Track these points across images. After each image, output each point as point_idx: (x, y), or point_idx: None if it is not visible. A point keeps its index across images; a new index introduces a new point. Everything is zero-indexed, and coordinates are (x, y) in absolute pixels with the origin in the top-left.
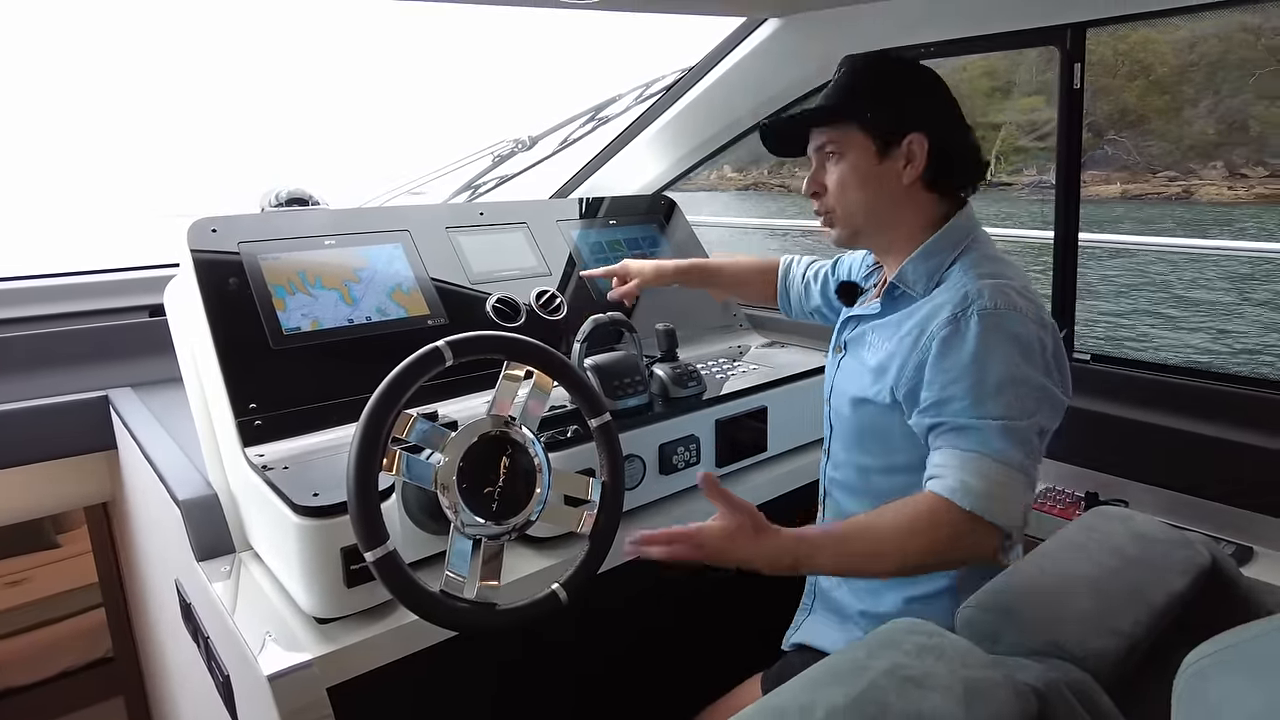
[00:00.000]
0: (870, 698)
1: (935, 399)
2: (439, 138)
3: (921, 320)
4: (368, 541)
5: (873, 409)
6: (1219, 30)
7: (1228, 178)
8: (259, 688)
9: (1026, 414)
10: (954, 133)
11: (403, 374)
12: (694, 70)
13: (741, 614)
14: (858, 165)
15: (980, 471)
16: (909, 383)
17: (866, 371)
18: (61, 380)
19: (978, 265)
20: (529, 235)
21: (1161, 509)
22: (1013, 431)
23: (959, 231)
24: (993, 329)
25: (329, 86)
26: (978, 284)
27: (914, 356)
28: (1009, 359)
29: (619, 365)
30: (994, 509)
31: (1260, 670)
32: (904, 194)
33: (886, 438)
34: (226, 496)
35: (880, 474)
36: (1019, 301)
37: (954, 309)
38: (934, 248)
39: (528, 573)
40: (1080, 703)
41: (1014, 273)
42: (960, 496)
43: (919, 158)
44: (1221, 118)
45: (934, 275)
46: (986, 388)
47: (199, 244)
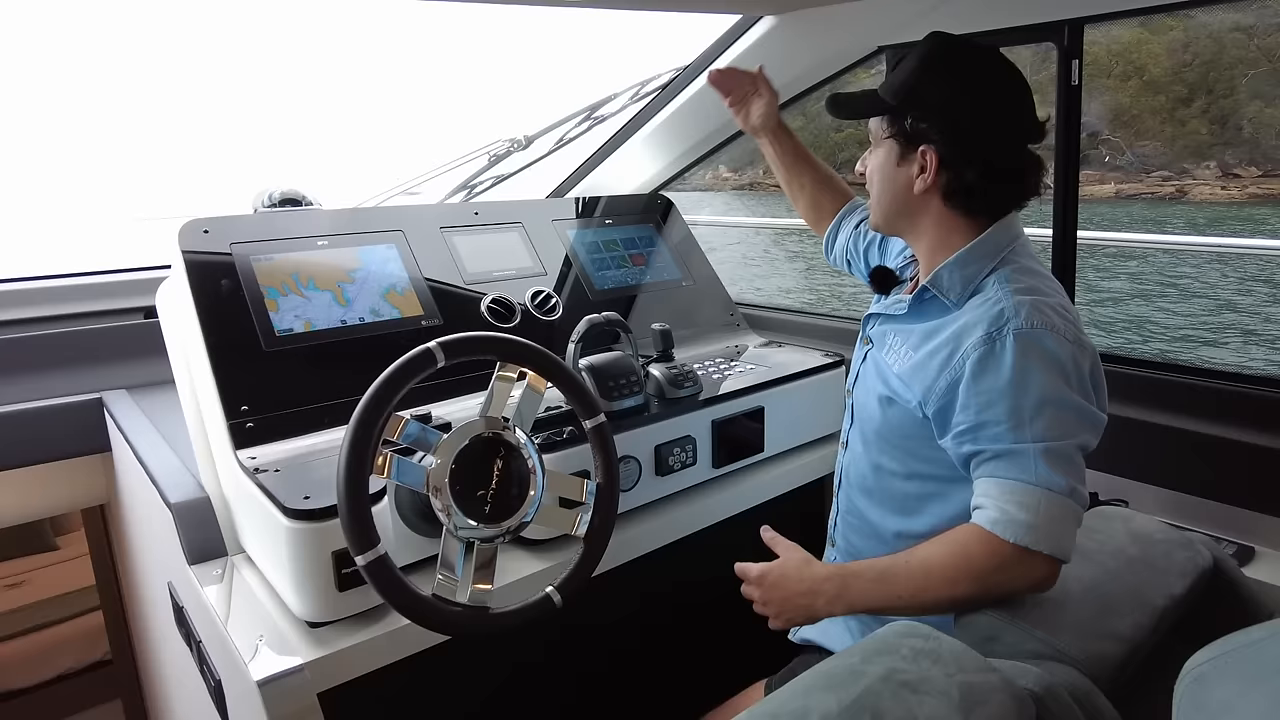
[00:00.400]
0: (865, 704)
1: (971, 423)
2: (434, 137)
3: (954, 336)
4: (358, 545)
5: (900, 412)
6: (1212, 31)
7: (1221, 177)
8: (249, 693)
9: (1068, 434)
10: (981, 154)
11: (393, 376)
12: (689, 69)
13: (740, 619)
14: (883, 162)
15: (1024, 502)
16: (939, 401)
17: (890, 375)
18: (56, 383)
19: (1014, 279)
20: (524, 235)
21: (1162, 508)
22: (1055, 454)
23: (998, 240)
24: (1029, 349)
25: (323, 86)
26: (1013, 300)
27: (946, 375)
28: (1047, 380)
29: (614, 366)
30: (1041, 540)
31: (1261, 676)
32: (919, 203)
33: (909, 444)
34: (218, 499)
35: (897, 478)
36: (1056, 321)
37: (989, 328)
38: (971, 255)
39: (522, 576)
40: (1080, 707)
41: (1052, 288)
42: (1004, 529)
43: (930, 171)
44: (1214, 118)
45: (970, 284)
46: (1025, 411)
47: (190, 245)
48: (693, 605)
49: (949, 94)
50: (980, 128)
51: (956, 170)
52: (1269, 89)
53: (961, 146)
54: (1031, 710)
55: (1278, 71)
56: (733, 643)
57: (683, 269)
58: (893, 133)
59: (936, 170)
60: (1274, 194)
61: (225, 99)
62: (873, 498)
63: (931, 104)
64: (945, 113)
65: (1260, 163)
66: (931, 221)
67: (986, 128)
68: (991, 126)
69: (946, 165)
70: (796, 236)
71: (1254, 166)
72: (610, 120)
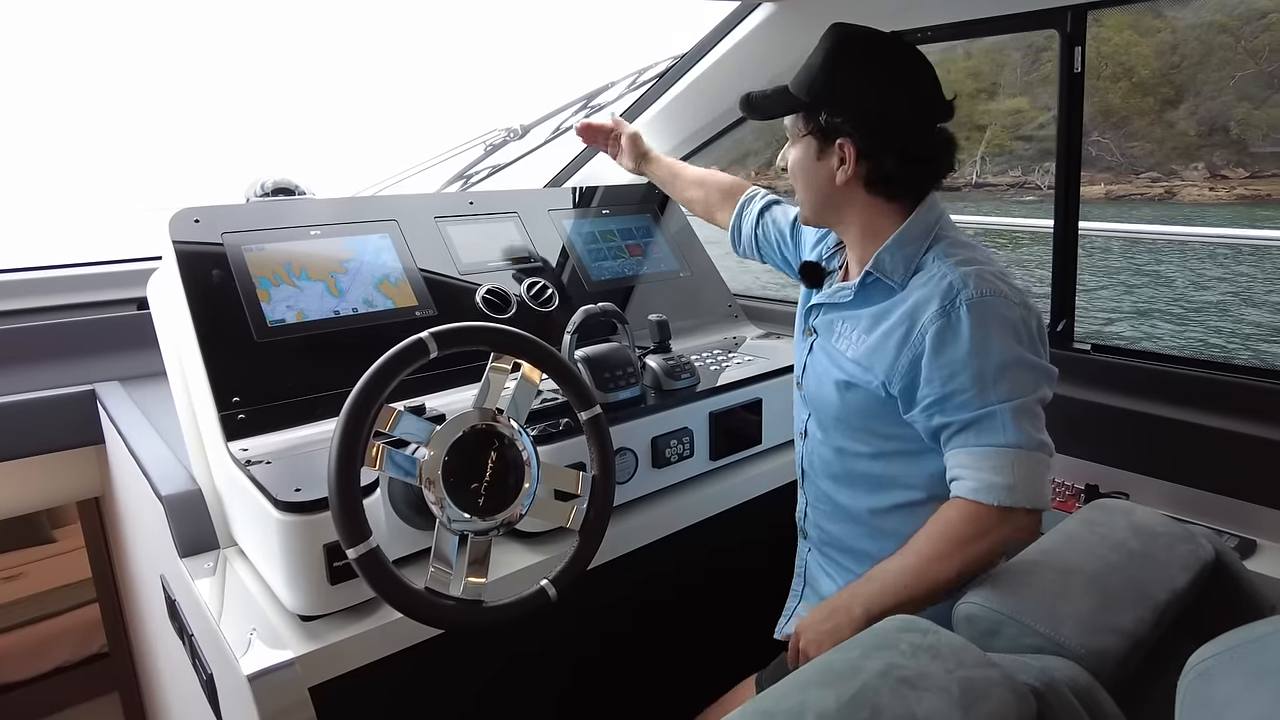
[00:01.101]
0: (863, 700)
1: (938, 395)
2: (429, 127)
3: (908, 314)
4: (349, 538)
5: (861, 394)
6: (1199, 33)
7: (1209, 179)
8: (240, 688)
9: (1028, 390)
10: (896, 141)
11: (385, 366)
12: (687, 57)
13: (737, 613)
14: (802, 158)
15: (998, 465)
16: (904, 378)
17: (845, 361)
18: (48, 374)
19: (952, 253)
20: (520, 225)
21: (1163, 501)
22: (1021, 411)
23: (927, 220)
24: (984, 317)
25: (316, 74)
26: (959, 273)
27: (907, 352)
28: (1004, 344)
29: (610, 357)
30: (1020, 497)
31: (1265, 672)
32: (843, 194)
33: (871, 424)
34: (210, 492)
35: (863, 459)
36: (1001, 286)
37: (942, 301)
38: (906, 237)
39: (516, 569)
40: (1081, 702)
41: (987, 257)
42: (984, 495)
43: (849, 163)
44: (1202, 119)
45: (910, 263)
46: (988, 375)
47: (181, 235)
48: (689, 598)
49: (859, 86)
50: (893, 116)
51: (875, 159)
52: (1256, 91)
53: (877, 136)
54: (1032, 706)
55: (1264, 74)
56: (727, 637)
57: (680, 260)
58: (809, 129)
59: (856, 161)
60: (1261, 195)
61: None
62: (841, 482)
63: (843, 98)
64: (858, 105)
65: (1248, 164)
66: (858, 210)
67: (898, 115)
68: (903, 113)
69: (864, 155)
70: None
71: (1241, 168)
72: (607, 109)
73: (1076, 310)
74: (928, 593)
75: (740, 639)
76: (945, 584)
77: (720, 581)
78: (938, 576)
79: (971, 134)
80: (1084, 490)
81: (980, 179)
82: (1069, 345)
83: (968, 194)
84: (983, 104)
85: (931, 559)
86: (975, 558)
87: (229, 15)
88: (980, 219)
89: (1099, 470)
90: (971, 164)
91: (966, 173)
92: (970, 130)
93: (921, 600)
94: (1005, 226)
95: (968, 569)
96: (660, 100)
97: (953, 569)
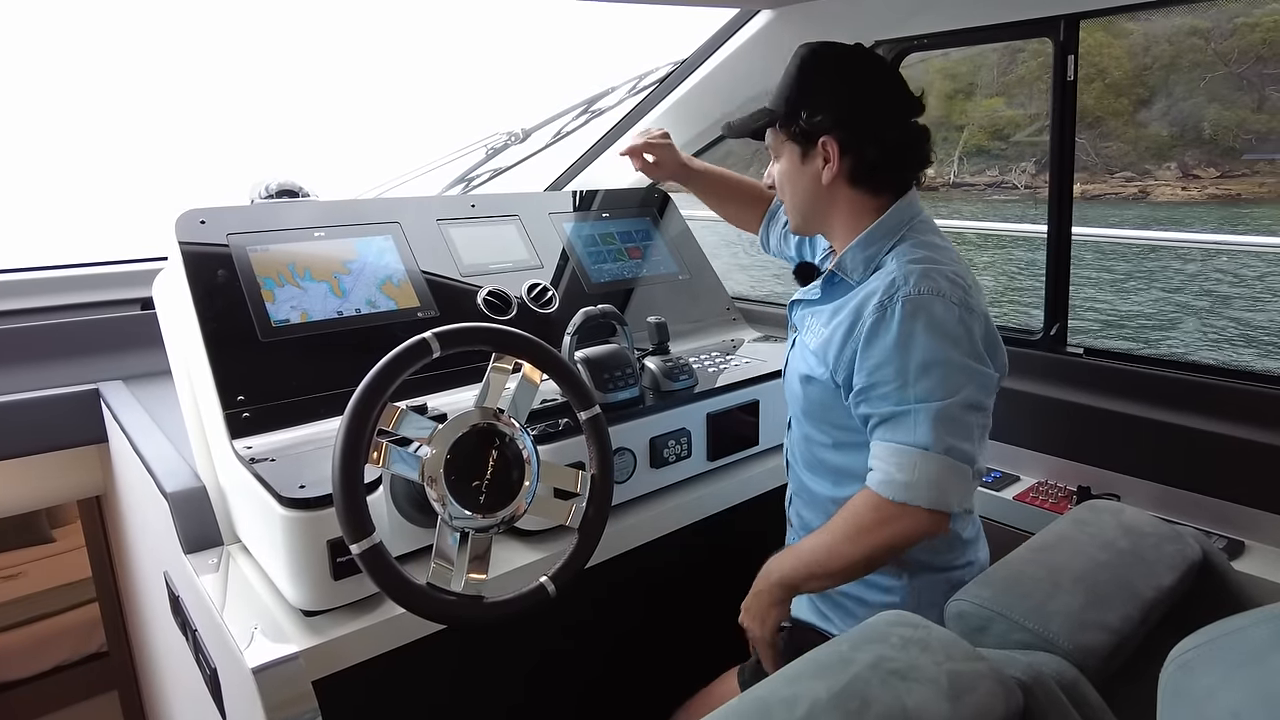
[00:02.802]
0: (854, 691)
1: (863, 384)
2: (432, 131)
3: (855, 308)
4: (353, 534)
5: (818, 387)
6: (1170, 35)
7: (1181, 178)
8: (245, 681)
9: (951, 392)
10: (874, 132)
11: (389, 366)
12: (686, 63)
13: (733, 611)
14: (786, 167)
15: (903, 464)
16: (846, 369)
17: (809, 353)
18: (52, 373)
19: (911, 252)
20: (521, 228)
21: (1154, 503)
22: (939, 414)
23: (896, 219)
24: (915, 313)
25: (320, 78)
26: (905, 269)
27: (850, 345)
28: (931, 342)
29: (610, 358)
30: (919, 495)
31: (1244, 662)
32: (827, 192)
33: (831, 416)
34: (214, 489)
35: (827, 449)
36: (943, 286)
37: (881, 295)
38: (871, 237)
39: (516, 566)
40: (1067, 696)
41: (948, 258)
42: (884, 488)
43: (834, 159)
44: (1174, 120)
45: (871, 263)
46: (910, 372)
47: (187, 236)
48: (687, 597)
49: (831, 85)
50: (867, 107)
51: (857, 151)
52: (1226, 92)
53: (856, 127)
54: (1019, 699)
55: (1234, 75)
56: (723, 634)
57: (679, 263)
58: (789, 135)
59: (839, 156)
60: (1232, 194)
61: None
62: (813, 470)
63: (818, 98)
64: (833, 101)
65: (1218, 164)
66: (843, 209)
67: (873, 106)
68: (877, 104)
69: (847, 149)
70: None
71: (1212, 168)
72: (608, 114)
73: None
74: (840, 571)
75: (721, 635)
76: (853, 565)
77: (716, 579)
78: (846, 557)
79: (950, 134)
80: (1075, 491)
81: (958, 178)
82: (1062, 349)
83: (946, 193)
84: (960, 104)
85: (840, 540)
86: (878, 545)
87: (235, 21)
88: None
89: (1091, 472)
90: (950, 163)
91: (945, 172)
92: (949, 131)
93: (835, 576)
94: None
95: (873, 555)
96: (660, 106)
97: (859, 552)
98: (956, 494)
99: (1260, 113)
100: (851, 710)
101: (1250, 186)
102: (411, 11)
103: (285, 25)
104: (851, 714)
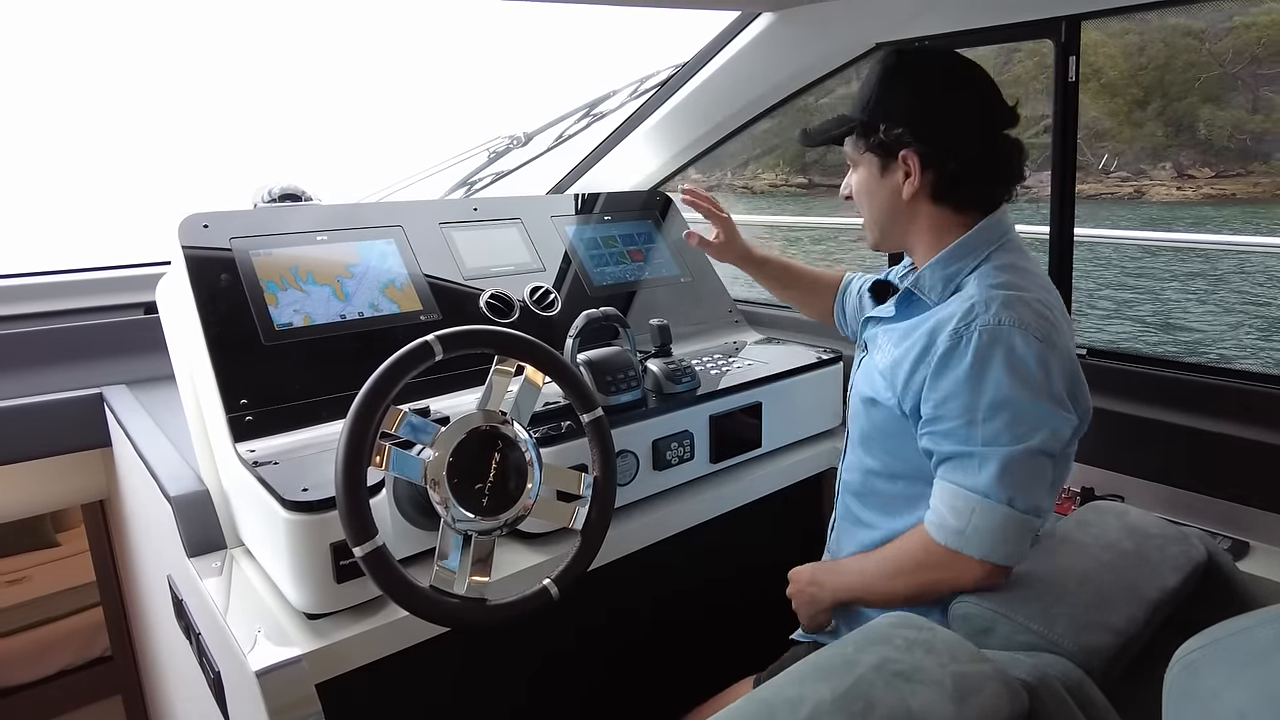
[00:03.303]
0: (858, 693)
1: (930, 417)
2: (434, 134)
3: (930, 331)
4: (356, 536)
5: (883, 412)
6: (1165, 35)
7: (1176, 178)
8: (248, 684)
9: (1021, 439)
10: (958, 146)
11: (391, 368)
12: (688, 66)
13: (736, 614)
14: (865, 179)
15: (959, 509)
16: (914, 397)
17: (876, 374)
18: (56, 378)
19: (994, 275)
20: (523, 231)
21: (1158, 504)
22: (1006, 461)
23: (982, 238)
24: (993, 346)
25: (323, 83)
26: (986, 294)
27: (920, 371)
28: (1006, 380)
29: (612, 361)
30: (970, 544)
31: (1250, 662)
32: (908, 208)
33: (890, 443)
34: (218, 492)
35: (882, 479)
36: (1026, 317)
37: (958, 323)
38: (953, 254)
39: (519, 568)
40: (1072, 698)
41: (1035, 284)
42: (935, 531)
43: (914, 174)
44: (1169, 120)
45: (950, 283)
46: (979, 410)
47: (190, 240)
48: (689, 600)
49: (914, 95)
50: (952, 118)
51: (939, 166)
52: (1220, 92)
53: (938, 141)
54: (1024, 700)
55: (1228, 75)
56: (726, 638)
57: (681, 265)
58: (869, 146)
59: (920, 171)
60: (1227, 194)
61: (227, 96)
62: (863, 500)
63: (899, 108)
64: (915, 112)
65: (1213, 164)
66: (924, 225)
67: (958, 117)
68: (962, 116)
69: (929, 164)
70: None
71: (1207, 168)
72: (609, 117)
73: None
74: (882, 599)
75: (738, 640)
76: (897, 599)
77: (720, 583)
78: (891, 590)
79: None
80: (1080, 493)
81: None
82: None
83: None
84: None
85: (890, 574)
86: (922, 585)
87: (238, 28)
88: None
89: (1095, 473)
90: None
91: None
92: None
93: (877, 603)
94: None
95: (915, 595)
96: (661, 109)
97: (903, 588)
98: (1015, 548)
99: (1255, 113)
100: (856, 712)
101: (1245, 186)
102: (412, 18)
103: (288, 32)
104: (856, 715)
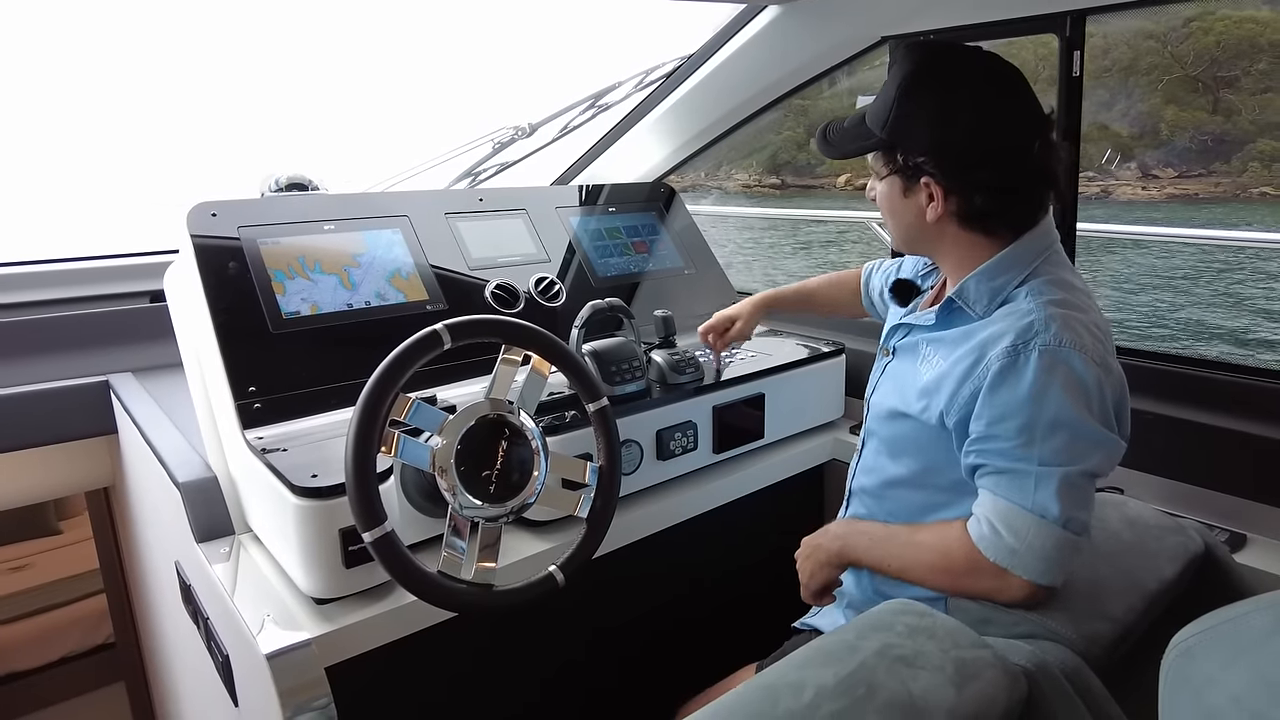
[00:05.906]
0: (860, 677)
1: (981, 434)
2: (439, 124)
3: (980, 345)
4: (365, 522)
5: (911, 425)
6: (1128, 38)
7: (1141, 178)
8: (258, 667)
9: (1076, 460)
10: (983, 177)
11: (401, 356)
12: (693, 58)
13: (739, 603)
14: (889, 194)
15: (1015, 527)
16: (961, 411)
17: (915, 386)
18: (62, 365)
19: (1048, 290)
20: (528, 222)
21: (1157, 496)
22: (1059, 481)
23: (1030, 250)
24: (1053, 367)
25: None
26: (1045, 313)
27: (969, 384)
28: (1066, 401)
29: (617, 351)
30: (1023, 564)
31: (1245, 648)
32: (935, 230)
33: (922, 454)
34: (226, 479)
35: (905, 487)
36: (1085, 340)
37: (1015, 339)
38: (999, 266)
39: (525, 555)
40: (1071, 684)
41: (1088, 304)
42: (986, 545)
43: (938, 201)
44: (1134, 120)
45: (998, 295)
46: (1038, 430)
47: (199, 228)
48: (693, 588)
49: (935, 119)
50: (976, 148)
51: (963, 196)
52: (1182, 94)
53: (961, 176)
54: (1024, 686)
55: (1189, 78)
56: (728, 626)
57: (685, 257)
58: (891, 170)
59: (944, 199)
60: (1189, 194)
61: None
62: (880, 502)
63: (919, 135)
64: (934, 142)
65: (1175, 164)
66: (951, 245)
67: (983, 146)
68: (988, 142)
69: (952, 193)
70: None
71: (1170, 168)
72: (614, 108)
73: None
74: (909, 580)
75: (741, 627)
76: (924, 586)
77: (723, 572)
78: (920, 579)
79: None
80: None
81: None
82: None
83: None
84: None
85: (922, 567)
86: (961, 590)
87: (244, 15)
88: None
89: None
90: None
91: None
92: None
93: (898, 578)
94: None
95: (950, 592)
96: (666, 100)
97: (933, 583)
98: (1065, 569)
99: (1215, 114)
100: (858, 696)
101: (1206, 186)
102: (418, 6)
103: (294, 19)
104: (858, 700)
